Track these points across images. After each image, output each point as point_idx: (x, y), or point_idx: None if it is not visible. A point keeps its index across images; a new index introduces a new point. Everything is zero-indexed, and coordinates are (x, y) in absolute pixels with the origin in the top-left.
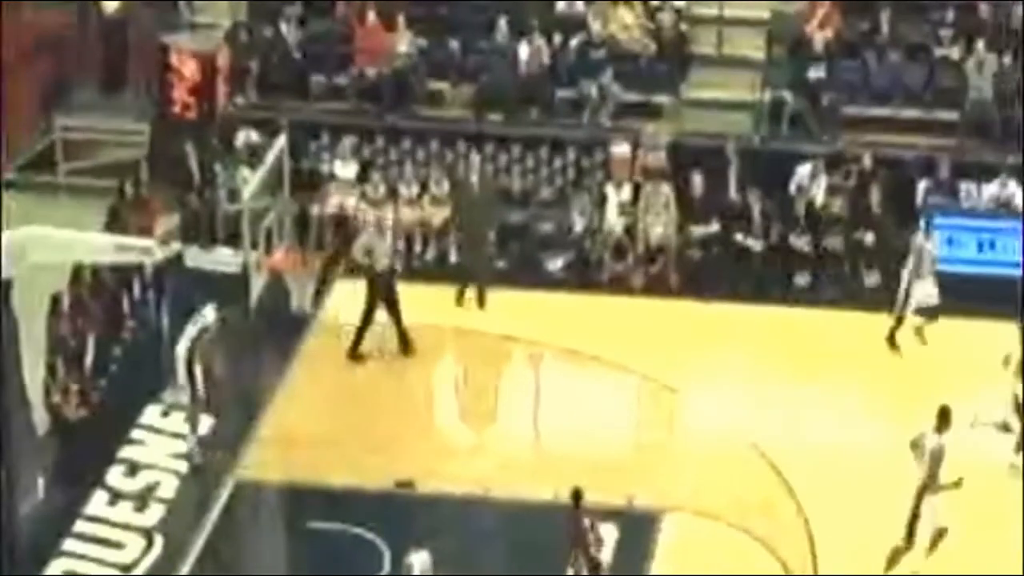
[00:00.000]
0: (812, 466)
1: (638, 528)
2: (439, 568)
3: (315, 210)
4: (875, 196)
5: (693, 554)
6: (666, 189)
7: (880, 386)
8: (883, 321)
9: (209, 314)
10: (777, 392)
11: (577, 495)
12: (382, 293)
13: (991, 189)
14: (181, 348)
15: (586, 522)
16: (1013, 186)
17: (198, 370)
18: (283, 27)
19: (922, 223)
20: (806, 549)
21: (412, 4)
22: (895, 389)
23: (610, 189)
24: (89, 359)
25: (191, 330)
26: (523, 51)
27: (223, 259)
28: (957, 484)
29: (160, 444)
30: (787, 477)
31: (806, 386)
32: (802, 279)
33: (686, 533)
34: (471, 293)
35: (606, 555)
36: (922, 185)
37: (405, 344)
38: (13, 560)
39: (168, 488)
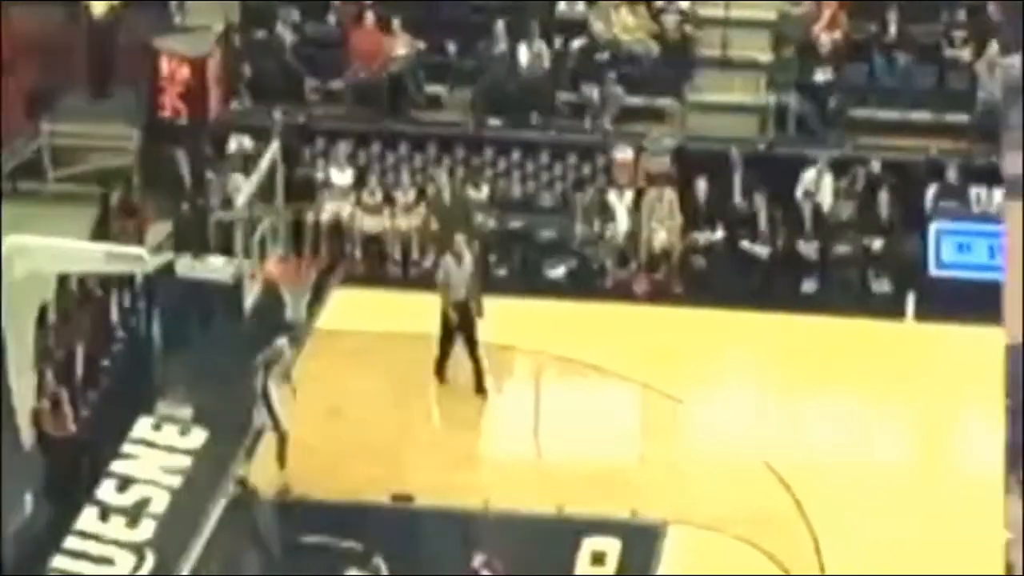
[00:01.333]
0: (819, 476)
1: (642, 541)
2: None
3: (310, 217)
4: (884, 201)
5: (698, 567)
6: (670, 194)
7: (889, 395)
8: (892, 329)
9: (281, 341)
10: (783, 401)
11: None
12: (458, 323)
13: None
14: (257, 381)
15: None
16: None
17: (275, 398)
18: (279, 29)
19: None
20: (813, 560)
21: (409, 6)
22: (904, 398)
23: (613, 195)
24: (78, 371)
25: (260, 360)
26: (523, 54)
27: (216, 268)
28: None
29: (152, 458)
30: (793, 488)
31: (813, 395)
32: (809, 286)
33: (690, 546)
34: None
35: (609, 567)
36: (931, 189)
37: (479, 380)
38: None
39: (160, 503)
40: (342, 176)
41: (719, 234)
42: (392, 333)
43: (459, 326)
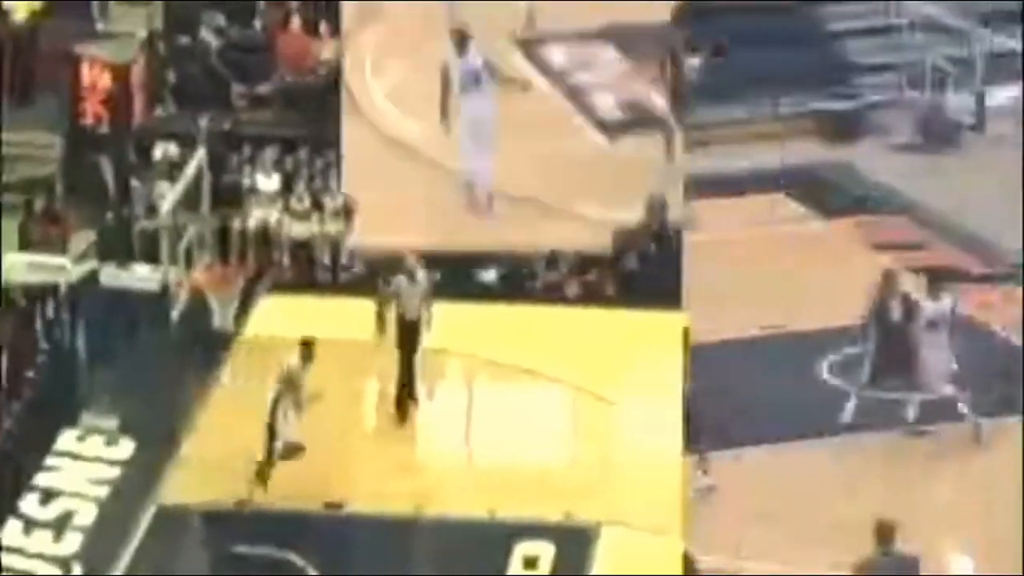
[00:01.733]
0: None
1: (575, 544)
2: None
3: (237, 224)
4: None
5: (632, 569)
6: None
7: None
8: None
9: (293, 363)
10: None
11: None
12: (404, 339)
13: None
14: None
15: None
16: None
17: (282, 422)
18: (203, 34)
19: None
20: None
21: (336, 8)
22: None
23: None
24: (1, 383)
25: (276, 389)
26: None
27: (141, 277)
28: None
29: (77, 470)
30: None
31: None
32: None
33: (624, 548)
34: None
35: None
36: None
37: (408, 399)
38: None
39: (86, 515)
40: (268, 182)
41: None
42: (322, 340)
43: (406, 341)
